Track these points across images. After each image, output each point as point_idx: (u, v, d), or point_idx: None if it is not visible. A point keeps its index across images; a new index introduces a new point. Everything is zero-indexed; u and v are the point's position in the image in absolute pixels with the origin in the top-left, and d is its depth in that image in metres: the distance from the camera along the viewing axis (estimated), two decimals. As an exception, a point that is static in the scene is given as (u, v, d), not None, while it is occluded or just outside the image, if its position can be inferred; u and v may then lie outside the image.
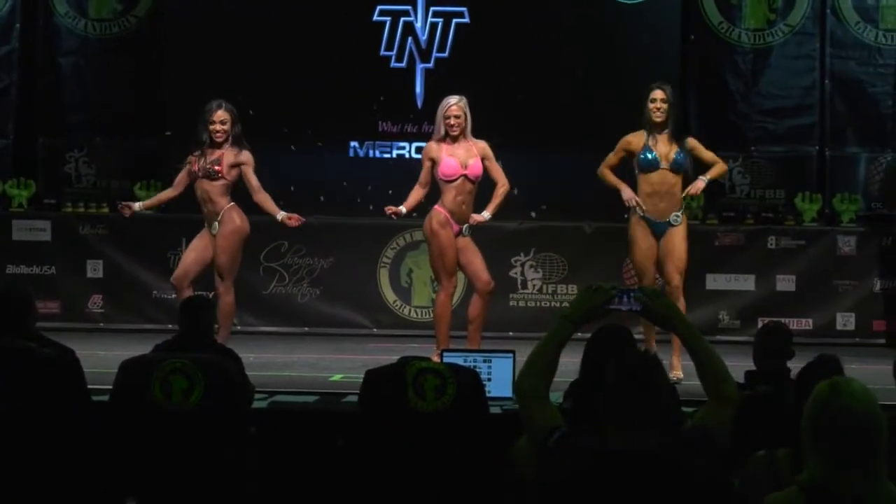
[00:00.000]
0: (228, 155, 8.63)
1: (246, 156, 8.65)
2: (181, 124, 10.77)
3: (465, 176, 8.51)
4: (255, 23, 11.09)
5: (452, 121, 8.50)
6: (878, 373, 8.79)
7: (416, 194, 8.69)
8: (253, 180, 8.63)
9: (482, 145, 8.63)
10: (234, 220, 8.62)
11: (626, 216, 8.87)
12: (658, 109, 8.58)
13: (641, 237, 8.62)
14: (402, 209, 8.67)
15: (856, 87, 11.45)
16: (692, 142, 8.75)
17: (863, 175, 11.45)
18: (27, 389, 5.28)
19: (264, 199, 8.65)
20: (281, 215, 8.64)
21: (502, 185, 8.66)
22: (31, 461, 5.28)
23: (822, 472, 3.20)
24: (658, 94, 8.63)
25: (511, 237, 10.91)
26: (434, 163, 8.55)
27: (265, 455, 6.02)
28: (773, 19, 11.44)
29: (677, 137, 8.60)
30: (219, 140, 8.63)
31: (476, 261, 8.61)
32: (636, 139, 8.68)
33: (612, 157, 8.77)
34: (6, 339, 5.39)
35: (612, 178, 8.75)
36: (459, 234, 8.56)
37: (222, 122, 8.63)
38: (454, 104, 8.54)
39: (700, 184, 8.65)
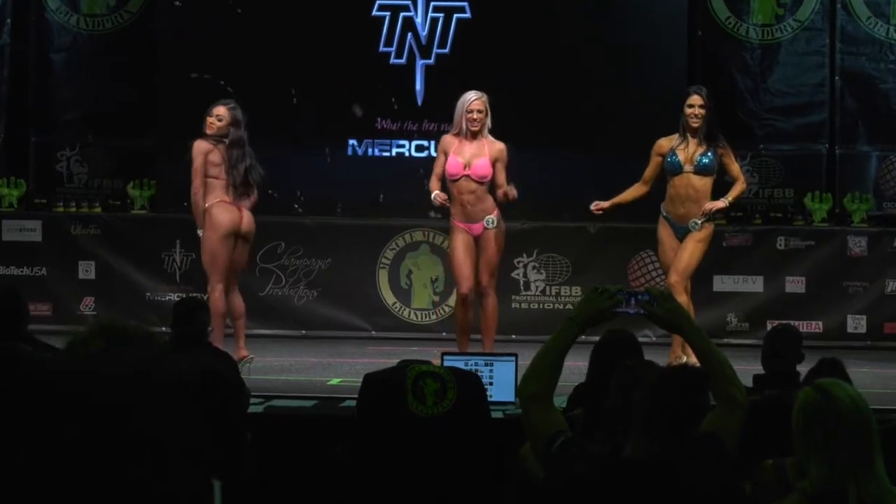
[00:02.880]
0: None
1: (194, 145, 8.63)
2: (176, 122, 10.78)
3: (468, 176, 8.50)
4: (252, 18, 11.07)
5: (475, 115, 8.51)
6: (890, 376, 8.80)
7: (435, 185, 8.73)
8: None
9: (498, 147, 8.59)
10: (209, 218, 8.62)
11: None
12: (696, 115, 8.53)
13: (665, 237, 8.68)
14: (441, 194, 8.65)
15: (867, 83, 11.43)
16: (724, 148, 8.66)
17: (874, 174, 11.43)
18: (20, 394, 5.26)
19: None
20: None
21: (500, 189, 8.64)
22: (22, 467, 5.26)
23: (822, 476, 3.20)
24: (696, 99, 8.57)
25: (513, 238, 10.86)
26: (446, 157, 8.60)
27: (261, 462, 6.01)
28: (781, 14, 11.43)
29: (708, 140, 8.55)
30: (209, 132, 8.60)
31: (483, 259, 8.60)
32: (667, 142, 8.67)
33: (647, 170, 8.74)
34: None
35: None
36: (484, 229, 8.59)
37: (219, 118, 8.61)
38: (476, 99, 8.56)
39: (720, 203, 8.60)
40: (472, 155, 8.53)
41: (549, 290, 10.92)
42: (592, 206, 8.88)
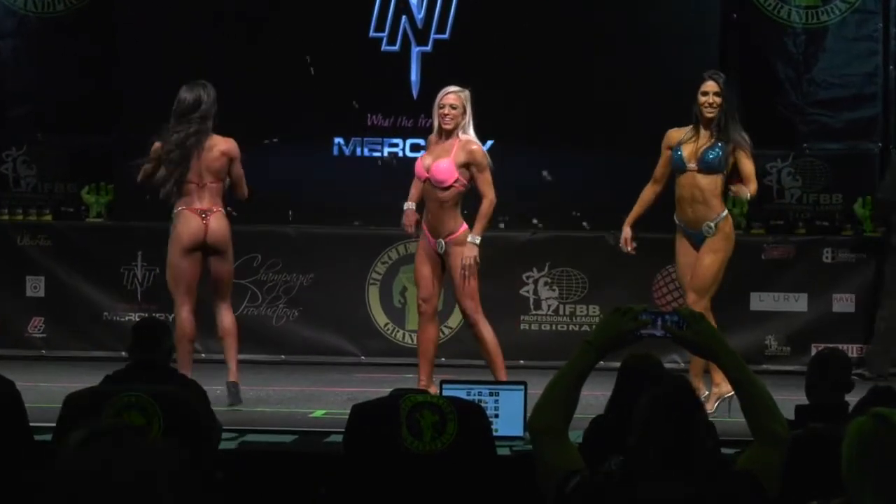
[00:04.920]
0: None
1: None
2: (138, 118, 10.78)
3: (429, 180, 8.45)
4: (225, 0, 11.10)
5: (447, 110, 8.44)
6: (953, 408, 8.77)
7: (413, 194, 8.72)
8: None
9: (470, 149, 8.47)
10: (172, 229, 8.72)
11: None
12: (710, 104, 8.48)
13: (681, 250, 8.63)
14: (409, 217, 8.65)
15: (925, 73, 11.47)
16: (746, 138, 8.58)
17: (933, 177, 11.43)
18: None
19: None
20: None
21: (487, 200, 8.48)
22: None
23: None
24: (710, 85, 8.53)
25: (522, 250, 10.90)
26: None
27: (234, 504, 6.02)
28: (828, -5, 11.45)
29: (721, 133, 8.51)
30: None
31: (456, 284, 8.50)
32: (677, 134, 8.63)
33: (658, 166, 8.71)
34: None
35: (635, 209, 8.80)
36: (438, 249, 8.51)
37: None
38: (451, 93, 8.49)
39: (745, 191, 8.51)
40: (436, 156, 8.48)
41: (563, 309, 10.92)
42: (622, 244, 8.83)
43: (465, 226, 8.49)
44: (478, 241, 8.47)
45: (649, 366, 5.30)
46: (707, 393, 8.30)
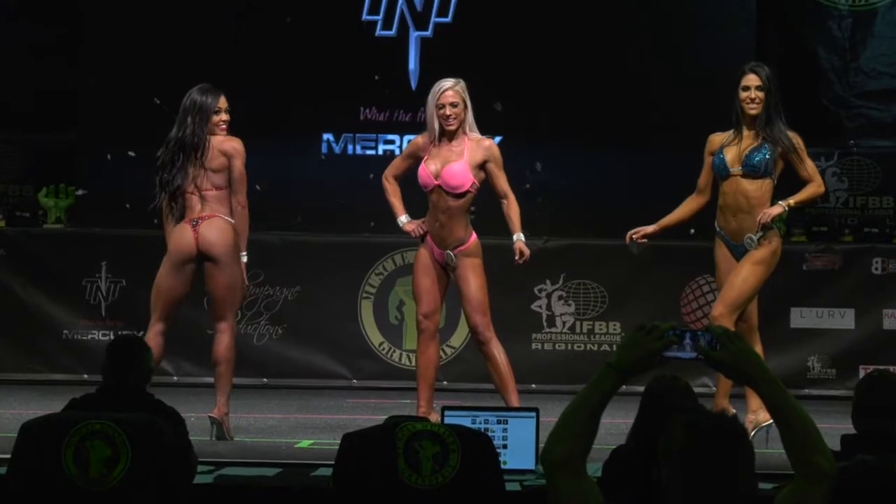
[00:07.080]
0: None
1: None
2: (103, 112, 10.80)
3: (440, 187, 8.40)
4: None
5: (448, 110, 8.38)
6: None
7: (391, 185, 8.65)
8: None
9: (485, 146, 8.48)
10: None
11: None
12: (752, 100, 8.48)
13: (721, 261, 8.61)
14: (403, 220, 8.61)
15: (984, 62, 11.50)
16: (793, 140, 8.56)
17: None
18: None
19: None
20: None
21: (513, 198, 8.49)
22: None
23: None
24: (752, 78, 8.53)
25: (533, 260, 10.86)
26: (415, 163, 8.50)
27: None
28: (877, -26, 11.49)
29: (768, 131, 8.50)
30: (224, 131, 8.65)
31: (464, 297, 8.49)
32: (720, 138, 8.62)
33: (702, 176, 8.69)
34: None
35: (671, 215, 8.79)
36: (445, 263, 8.47)
37: (227, 111, 8.67)
38: (449, 88, 8.44)
39: (776, 210, 8.48)
40: (444, 160, 8.43)
41: (580, 326, 10.93)
42: (633, 235, 8.80)
43: (474, 235, 8.48)
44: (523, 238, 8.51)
45: (677, 390, 5.30)
46: (734, 412, 8.29)
